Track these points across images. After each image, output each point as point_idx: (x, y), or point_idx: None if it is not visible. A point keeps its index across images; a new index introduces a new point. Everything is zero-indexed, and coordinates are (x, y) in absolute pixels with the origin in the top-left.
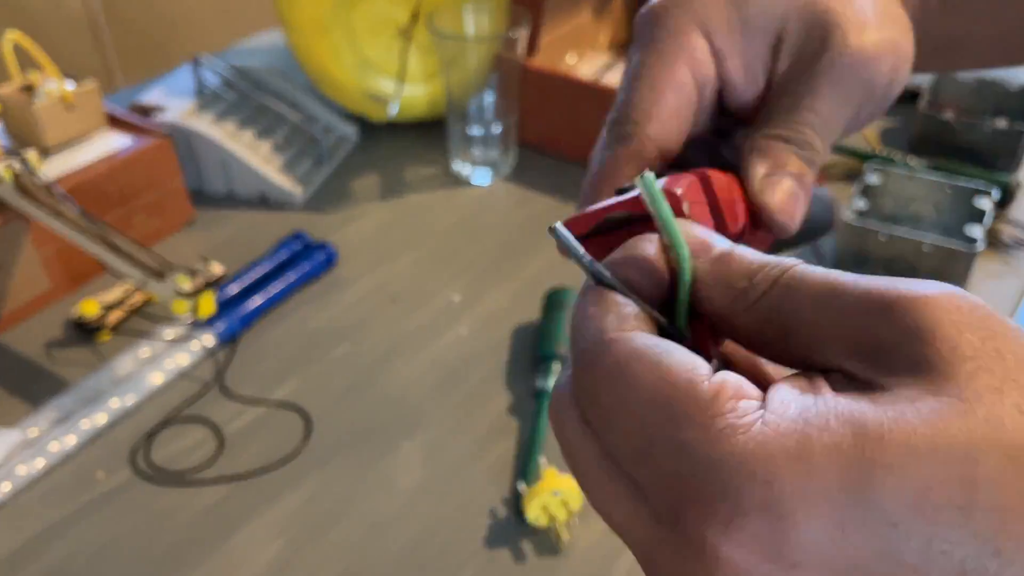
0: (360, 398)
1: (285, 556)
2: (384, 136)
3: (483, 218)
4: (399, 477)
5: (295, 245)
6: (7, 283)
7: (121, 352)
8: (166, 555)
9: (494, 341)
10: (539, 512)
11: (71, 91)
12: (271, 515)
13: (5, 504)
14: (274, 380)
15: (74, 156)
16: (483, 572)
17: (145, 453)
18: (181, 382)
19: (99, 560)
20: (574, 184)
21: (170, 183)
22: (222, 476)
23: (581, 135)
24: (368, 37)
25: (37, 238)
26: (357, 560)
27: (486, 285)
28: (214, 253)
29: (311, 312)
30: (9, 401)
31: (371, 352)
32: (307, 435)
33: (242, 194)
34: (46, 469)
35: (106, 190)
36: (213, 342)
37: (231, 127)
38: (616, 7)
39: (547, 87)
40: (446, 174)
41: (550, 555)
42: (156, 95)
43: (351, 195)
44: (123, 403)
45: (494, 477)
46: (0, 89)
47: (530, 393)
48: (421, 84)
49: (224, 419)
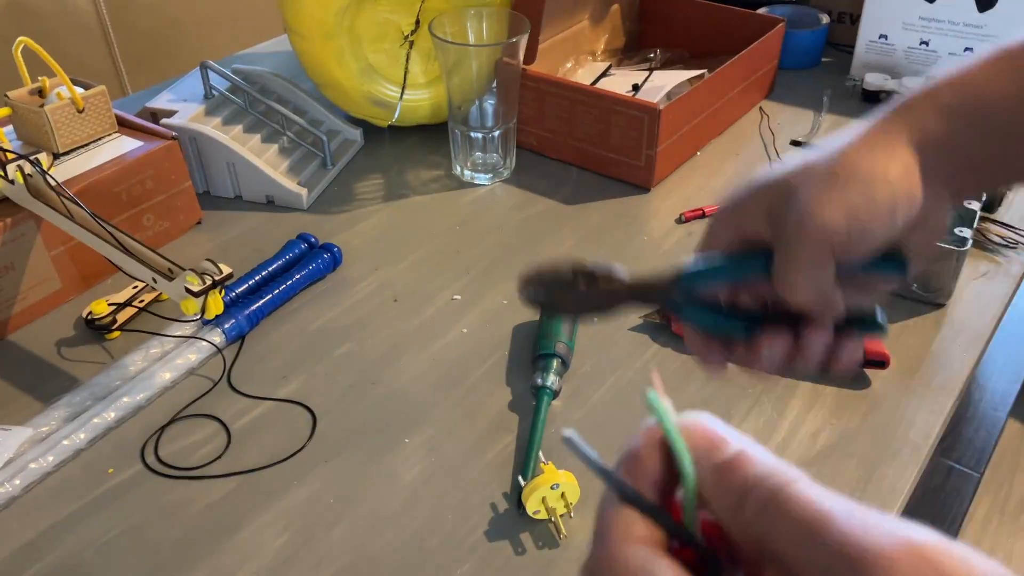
0: (364, 395)
1: (291, 548)
2: (387, 140)
3: (484, 219)
4: (402, 472)
5: (301, 246)
6: (19, 283)
7: (131, 350)
8: (175, 548)
9: (494, 339)
10: (538, 505)
11: (81, 95)
12: (277, 509)
13: (17, 499)
14: (280, 377)
15: (84, 159)
16: (484, 564)
17: (155, 448)
18: (190, 379)
19: (109, 553)
20: (572, 186)
21: (179, 186)
22: (230, 471)
23: (578, 138)
24: (372, 43)
25: (48, 239)
26: (361, 552)
27: (486, 285)
28: (222, 254)
29: (316, 311)
30: (21, 398)
31: (375, 350)
32: (312, 431)
33: (249, 196)
34: (57, 464)
35: (116, 192)
36: (221, 340)
37: (238, 131)
38: (612, 15)
39: (546, 92)
40: (448, 177)
41: (549, 547)
42: (165, 100)
43: (355, 197)
44: (133, 400)
45: (494, 472)
46: (11, 93)
47: (530, 390)
48: (423, 89)
49: (231, 415)
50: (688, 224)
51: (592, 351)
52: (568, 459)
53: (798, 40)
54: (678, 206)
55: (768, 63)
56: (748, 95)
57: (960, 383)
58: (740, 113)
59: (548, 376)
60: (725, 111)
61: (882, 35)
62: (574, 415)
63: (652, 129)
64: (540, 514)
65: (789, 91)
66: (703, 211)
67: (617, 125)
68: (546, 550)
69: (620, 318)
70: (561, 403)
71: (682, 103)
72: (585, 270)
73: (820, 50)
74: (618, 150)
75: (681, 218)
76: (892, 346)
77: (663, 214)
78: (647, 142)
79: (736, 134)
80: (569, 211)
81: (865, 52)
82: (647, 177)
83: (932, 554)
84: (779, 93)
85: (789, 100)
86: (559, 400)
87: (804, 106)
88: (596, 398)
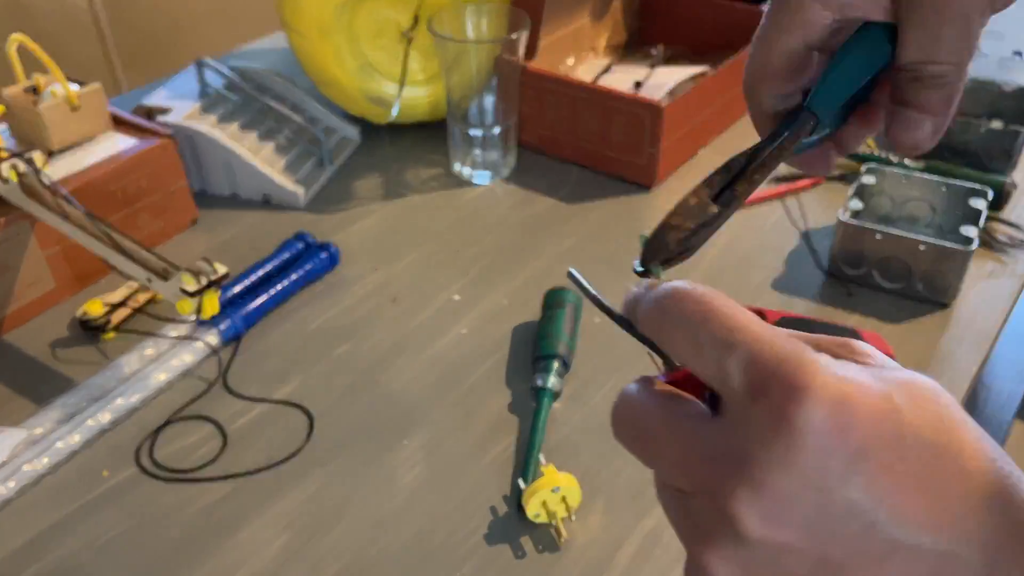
0: (362, 396)
1: (288, 552)
2: (385, 138)
3: (483, 218)
4: (400, 474)
5: (298, 245)
6: (12, 283)
7: (126, 351)
8: (171, 551)
9: (494, 340)
10: (539, 509)
11: (76, 93)
12: (274, 511)
13: (11, 501)
14: (277, 378)
15: (79, 157)
16: (483, 568)
17: (150, 450)
18: (185, 380)
19: (104, 556)
20: (573, 184)
21: (174, 184)
22: (226, 473)
23: (579, 136)
24: (370, 40)
25: (42, 238)
26: (359, 555)
27: (486, 285)
28: (218, 253)
29: (313, 311)
30: (15, 400)
31: (373, 351)
32: (310, 433)
33: (245, 195)
34: (52, 467)
35: (111, 191)
36: (217, 341)
37: (235, 129)
38: (614, 11)
39: (546, 89)
40: (447, 175)
41: (549, 551)
42: (160, 97)
43: (353, 196)
44: (128, 401)
45: (494, 474)
46: (5, 91)
47: (530, 391)
48: (422, 86)
49: (228, 417)
50: None
51: (593, 352)
52: (569, 462)
53: None
54: None
55: None
56: None
57: (965, 384)
58: (743, 110)
59: (548, 377)
60: (728, 108)
61: None
62: (575, 416)
63: (654, 127)
64: (540, 517)
65: None
66: None
67: (618, 123)
68: (546, 554)
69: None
70: (562, 405)
71: (684, 100)
72: (722, 181)
73: None
74: (619, 148)
75: None
76: (896, 346)
77: (665, 213)
78: (649, 140)
79: (739, 132)
80: (570, 210)
81: None
82: (649, 175)
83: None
84: None
85: None
86: (560, 402)
87: None
88: (597, 399)
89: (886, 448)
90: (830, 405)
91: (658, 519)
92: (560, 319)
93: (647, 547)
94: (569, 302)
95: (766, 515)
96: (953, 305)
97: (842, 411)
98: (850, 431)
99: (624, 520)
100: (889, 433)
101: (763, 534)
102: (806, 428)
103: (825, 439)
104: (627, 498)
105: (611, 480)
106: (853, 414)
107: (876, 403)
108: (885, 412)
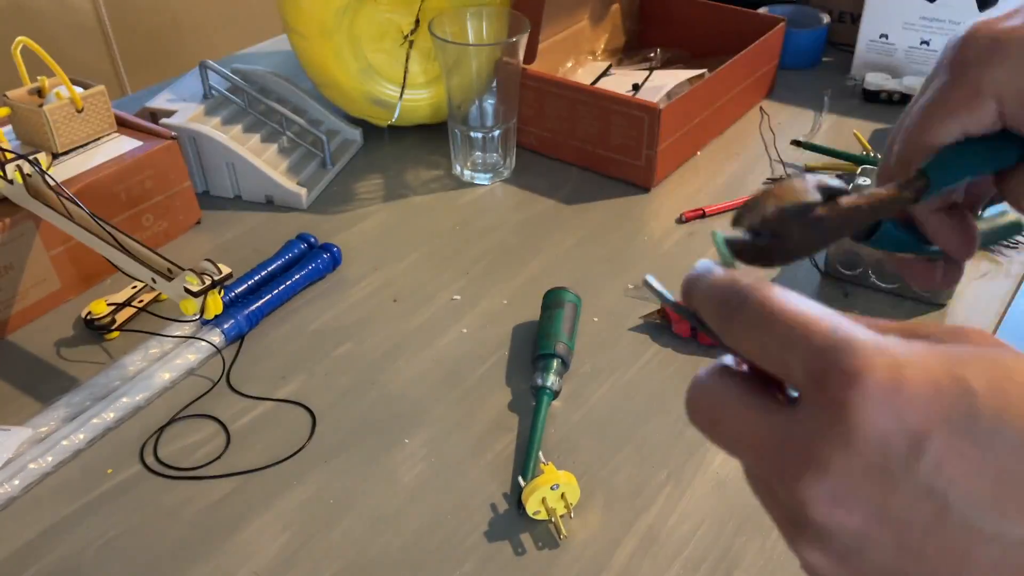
0: (363, 395)
1: (291, 549)
2: (387, 140)
3: (484, 219)
4: (402, 472)
5: (300, 246)
6: (18, 283)
7: (130, 350)
8: (174, 548)
9: (494, 340)
10: (538, 506)
11: (80, 95)
12: (277, 509)
13: (16, 499)
14: (280, 378)
15: (83, 159)
16: (484, 565)
17: (154, 449)
18: (189, 379)
19: (108, 553)
20: (572, 185)
21: (178, 185)
22: (229, 471)
23: (579, 138)
24: (371, 43)
25: (47, 239)
26: (361, 553)
27: (486, 285)
28: (221, 254)
29: (315, 311)
30: (20, 399)
31: (374, 350)
32: (312, 431)
33: (249, 196)
34: (56, 465)
35: (115, 192)
36: (220, 340)
37: (238, 131)
38: (612, 14)
39: (546, 92)
40: (448, 176)
41: (549, 548)
42: (164, 99)
43: (355, 197)
44: (132, 400)
45: (494, 472)
46: (10, 93)
47: (530, 390)
48: (423, 89)
49: (231, 416)
50: (688, 224)
51: (592, 351)
52: (569, 460)
53: (798, 40)
54: (678, 206)
55: (768, 63)
56: (748, 95)
57: None
58: (740, 113)
59: (548, 376)
60: (725, 111)
61: (883, 35)
62: (574, 415)
63: (652, 129)
64: (540, 515)
65: (789, 91)
66: (703, 211)
67: (617, 125)
68: (546, 551)
69: (620, 318)
70: (561, 403)
71: (682, 103)
72: (828, 188)
73: (820, 50)
74: (618, 150)
75: (681, 218)
76: None
77: (663, 214)
78: (647, 142)
79: (736, 134)
80: (569, 211)
81: (866, 52)
82: (647, 177)
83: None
84: (779, 93)
85: (789, 100)
86: (559, 400)
87: (805, 106)
88: (596, 398)
89: (954, 431)
90: (884, 388)
91: (657, 516)
92: (559, 319)
93: (646, 543)
94: (569, 302)
95: (831, 499)
96: (948, 305)
97: (896, 393)
98: (907, 413)
99: (623, 517)
100: (958, 415)
101: (831, 519)
102: (862, 412)
103: (882, 421)
104: (626, 495)
105: (610, 477)
106: (909, 396)
107: (937, 384)
108: (950, 393)
